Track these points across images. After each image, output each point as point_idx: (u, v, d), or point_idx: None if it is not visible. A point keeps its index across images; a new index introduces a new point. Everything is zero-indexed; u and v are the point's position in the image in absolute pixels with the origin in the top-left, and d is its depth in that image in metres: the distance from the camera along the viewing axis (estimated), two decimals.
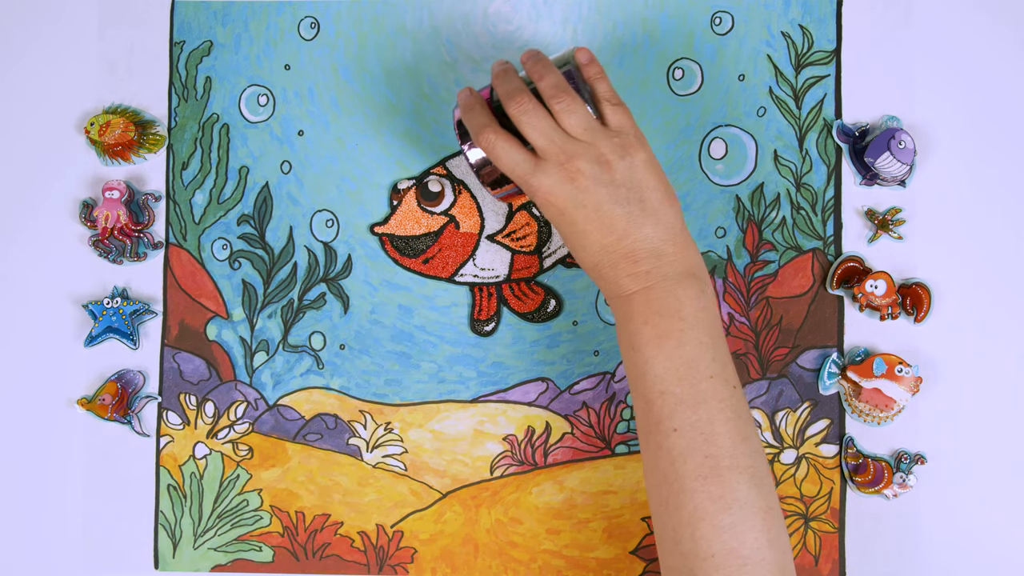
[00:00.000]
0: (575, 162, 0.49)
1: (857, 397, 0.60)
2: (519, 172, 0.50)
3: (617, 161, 0.49)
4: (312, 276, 0.63)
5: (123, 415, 0.62)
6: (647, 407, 0.49)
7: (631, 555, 0.61)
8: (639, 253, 0.49)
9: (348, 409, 0.62)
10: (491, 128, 0.51)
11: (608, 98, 0.51)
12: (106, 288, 0.63)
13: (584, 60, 0.53)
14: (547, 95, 0.50)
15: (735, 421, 0.47)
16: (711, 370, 0.48)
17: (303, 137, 0.63)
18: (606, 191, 0.49)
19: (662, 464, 0.48)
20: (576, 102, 0.50)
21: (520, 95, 0.50)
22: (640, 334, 0.49)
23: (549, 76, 0.51)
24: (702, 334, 0.48)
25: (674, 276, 0.49)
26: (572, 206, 0.49)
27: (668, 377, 0.48)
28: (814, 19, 0.62)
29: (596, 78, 0.52)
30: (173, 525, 0.62)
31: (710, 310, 0.49)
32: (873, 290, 0.60)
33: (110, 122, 0.62)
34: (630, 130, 0.51)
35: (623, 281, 0.49)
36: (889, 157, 0.59)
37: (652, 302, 0.48)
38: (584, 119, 0.50)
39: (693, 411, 0.47)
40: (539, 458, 0.62)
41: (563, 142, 0.49)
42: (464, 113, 0.53)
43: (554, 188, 0.49)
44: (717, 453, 0.46)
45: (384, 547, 0.62)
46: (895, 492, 0.60)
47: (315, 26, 0.63)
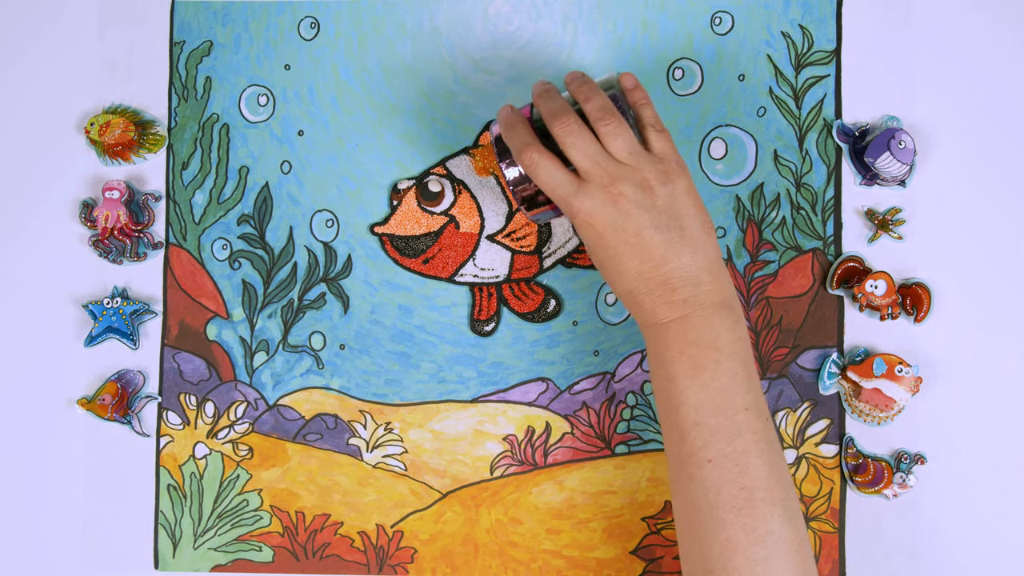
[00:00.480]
0: (619, 185, 0.48)
1: (857, 397, 0.60)
2: (561, 192, 0.49)
3: (659, 187, 0.49)
4: (312, 276, 0.63)
5: (123, 415, 0.62)
6: (680, 438, 0.48)
7: (631, 555, 0.61)
8: (676, 281, 0.48)
9: (348, 409, 0.62)
10: (535, 147, 0.50)
11: (652, 124, 0.51)
12: (106, 288, 0.63)
13: (629, 85, 0.53)
14: (594, 117, 0.50)
15: (769, 454, 0.47)
16: (746, 402, 0.48)
17: (303, 137, 0.63)
18: (647, 216, 0.48)
19: (694, 495, 0.48)
20: (623, 126, 0.50)
21: (566, 115, 0.50)
22: (675, 364, 0.48)
23: (596, 98, 0.51)
24: (737, 365, 0.48)
25: (711, 306, 0.48)
26: (612, 230, 0.49)
27: (703, 408, 0.48)
28: (814, 19, 0.62)
29: (641, 103, 0.52)
30: (173, 525, 0.62)
31: (744, 341, 0.49)
32: (873, 290, 0.60)
33: (110, 122, 0.62)
34: (672, 157, 0.50)
35: (659, 309, 0.49)
36: (889, 157, 0.59)
37: (688, 331, 0.48)
38: (630, 143, 0.49)
39: (728, 442, 0.47)
40: (539, 458, 0.62)
41: (608, 165, 0.49)
42: (506, 130, 0.52)
43: (595, 211, 0.49)
44: (752, 485, 0.46)
45: (384, 547, 0.62)
46: (895, 492, 0.60)
47: (315, 26, 0.63)
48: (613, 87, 0.53)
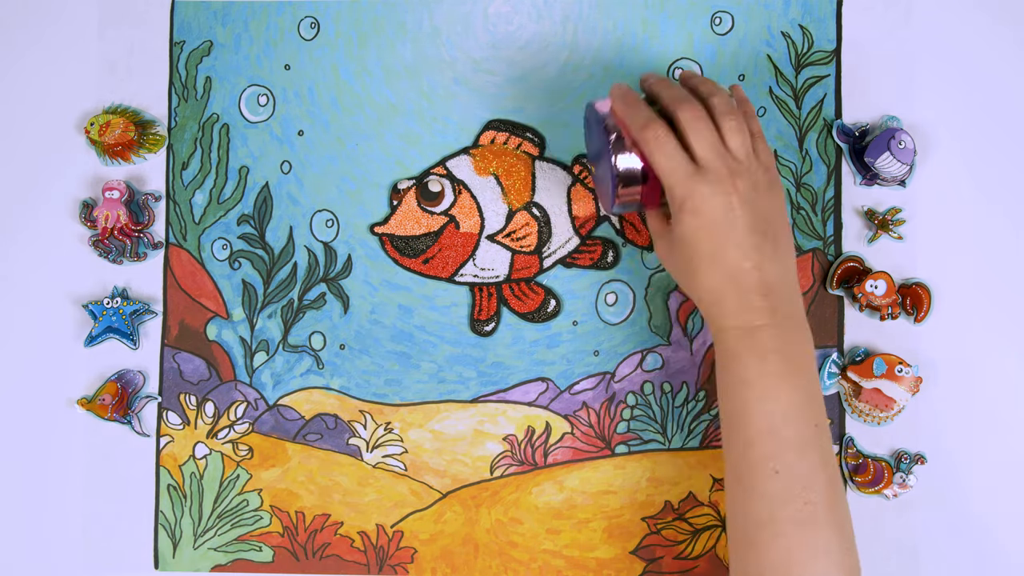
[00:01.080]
0: (735, 179, 0.48)
1: (857, 397, 0.60)
2: (680, 173, 0.49)
3: (767, 192, 0.49)
4: (312, 276, 0.63)
5: (123, 415, 0.62)
6: (747, 444, 0.48)
7: (631, 555, 0.61)
8: (773, 287, 0.49)
9: (348, 409, 0.62)
10: (659, 123, 0.49)
11: (760, 135, 0.52)
12: (106, 288, 0.63)
13: (741, 97, 0.53)
14: (720, 110, 0.50)
15: (834, 473, 0.48)
16: (817, 418, 0.48)
17: (303, 137, 0.63)
18: (753, 217, 0.48)
19: (755, 506, 0.48)
20: (744, 126, 0.50)
21: (692, 103, 0.50)
22: (752, 368, 0.49)
23: (721, 94, 0.51)
24: (813, 382, 0.49)
25: (798, 319, 0.50)
26: (718, 221, 0.48)
27: (778, 417, 0.48)
28: (814, 19, 0.62)
29: (750, 115, 0.52)
30: (173, 525, 0.62)
31: (814, 361, 0.50)
32: (873, 290, 0.60)
33: (110, 122, 0.62)
34: (775, 171, 0.51)
35: (747, 312, 0.49)
36: (889, 157, 0.59)
37: (772, 339, 0.48)
38: (747, 144, 0.50)
39: (798, 456, 0.47)
40: (539, 458, 0.62)
41: (727, 158, 0.49)
42: (625, 107, 0.51)
43: (709, 198, 0.48)
44: (816, 501, 0.47)
45: (384, 547, 0.62)
46: (895, 492, 0.60)
47: (315, 26, 0.63)
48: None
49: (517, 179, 0.62)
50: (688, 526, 0.61)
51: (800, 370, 0.49)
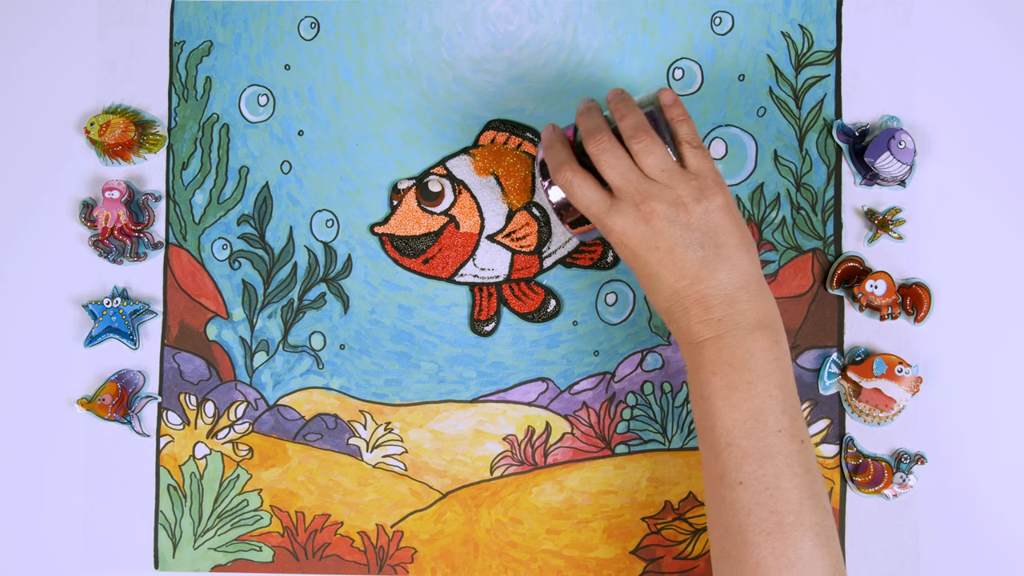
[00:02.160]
0: (650, 203, 0.48)
1: (857, 397, 0.60)
2: (594, 211, 0.50)
3: (693, 204, 0.49)
4: (312, 276, 0.63)
5: (123, 415, 0.62)
6: (714, 458, 0.48)
7: (631, 555, 0.61)
8: (712, 299, 0.48)
9: (348, 409, 0.62)
10: (569, 165, 0.50)
11: (689, 140, 0.51)
12: (106, 288, 0.63)
13: (668, 101, 0.52)
14: (627, 135, 0.50)
15: (802, 477, 0.47)
16: (779, 424, 0.47)
17: (303, 137, 0.63)
18: (680, 234, 0.48)
19: (725, 516, 0.47)
20: (655, 143, 0.50)
21: (600, 133, 0.50)
22: (709, 384, 0.48)
23: (630, 116, 0.51)
24: (772, 387, 0.48)
25: (746, 325, 0.48)
26: (645, 248, 0.49)
27: (735, 429, 0.47)
28: (814, 19, 0.62)
29: (678, 120, 0.52)
30: (173, 525, 0.62)
31: (782, 362, 0.49)
32: (873, 290, 0.60)
33: (110, 122, 0.62)
34: (709, 174, 0.50)
35: (694, 327, 0.49)
36: (889, 157, 0.59)
37: (722, 351, 0.48)
38: (662, 160, 0.49)
39: (759, 465, 0.47)
40: (539, 458, 0.62)
41: (639, 182, 0.49)
42: (546, 150, 0.53)
43: (628, 228, 0.49)
44: (782, 509, 0.46)
45: (384, 547, 0.62)
46: (895, 492, 0.60)
47: (315, 26, 0.63)
48: (652, 104, 0.52)
49: (517, 179, 0.62)
50: (688, 526, 0.61)
51: (759, 376, 0.48)
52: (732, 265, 0.48)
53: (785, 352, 0.49)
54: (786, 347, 0.50)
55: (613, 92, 0.54)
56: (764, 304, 0.49)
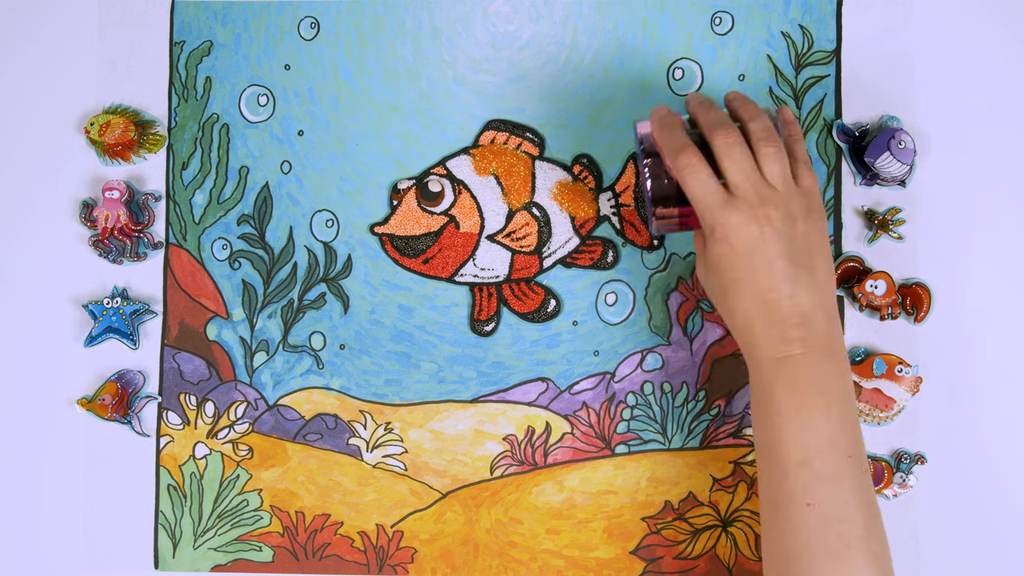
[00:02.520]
0: (767, 208, 0.48)
1: (857, 397, 0.60)
2: (709, 201, 0.49)
3: (802, 221, 0.49)
4: (312, 276, 0.63)
5: (123, 415, 0.62)
6: (782, 475, 0.48)
7: (631, 555, 0.61)
8: (797, 317, 0.48)
9: (348, 409, 0.62)
10: (692, 151, 0.50)
11: (804, 160, 0.51)
12: (106, 288, 0.63)
13: (789, 118, 0.53)
14: (757, 136, 0.50)
15: (868, 504, 0.47)
16: (850, 450, 0.48)
17: (303, 137, 0.63)
18: (785, 246, 0.48)
19: (788, 538, 0.48)
20: (783, 153, 0.50)
21: (731, 128, 0.50)
22: (783, 400, 0.48)
23: (761, 119, 0.50)
24: (847, 412, 0.48)
25: (825, 348, 0.49)
26: (749, 250, 0.48)
27: (810, 448, 0.47)
28: (814, 19, 0.62)
29: (795, 139, 0.52)
30: (173, 525, 0.62)
31: (850, 391, 0.49)
32: (873, 290, 0.60)
33: (110, 122, 0.62)
34: (816, 196, 0.51)
35: (775, 342, 0.49)
36: (889, 157, 0.59)
37: (801, 370, 0.48)
38: (785, 171, 0.49)
39: (830, 488, 0.47)
40: (539, 458, 0.62)
41: (761, 186, 0.49)
42: (661, 130, 0.52)
43: (739, 227, 0.48)
44: (849, 533, 0.46)
45: (384, 547, 0.62)
46: (895, 492, 0.60)
47: (315, 26, 0.63)
48: (772, 118, 0.52)
49: (517, 179, 0.62)
50: (688, 526, 0.61)
51: (834, 400, 0.48)
52: (820, 289, 0.49)
53: (851, 383, 0.50)
54: (851, 378, 0.51)
55: (735, 93, 0.53)
56: (838, 332, 0.50)
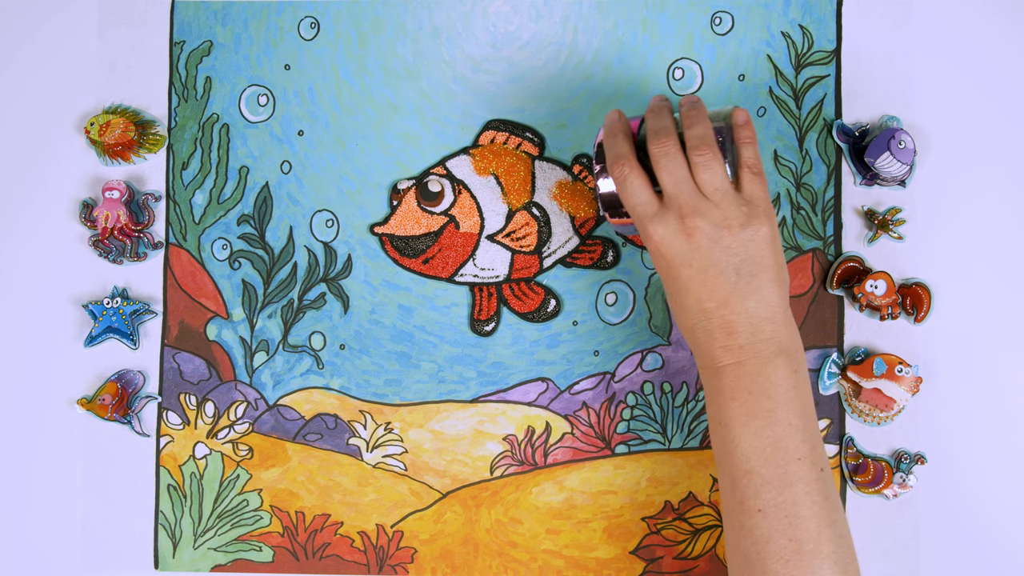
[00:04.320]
0: (696, 219, 0.48)
1: (857, 397, 0.60)
2: (640, 212, 0.49)
3: (739, 229, 0.48)
4: (312, 276, 0.63)
5: (123, 415, 0.62)
6: (732, 485, 0.48)
7: (631, 555, 0.61)
8: (737, 326, 0.48)
9: (348, 409, 0.62)
10: (628, 160, 0.50)
11: (751, 165, 0.50)
12: (106, 288, 0.63)
13: (740, 121, 0.52)
14: (690, 144, 0.50)
15: (821, 505, 0.47)
16: (799, 452, 0.47)
17: (303, 137, 0.63)
18: (719, 255, 0.48)
19: (743, 544, 0.47)
20: (716, 159, 0.49)
21: (667, 136, 0.50)
22: (728, 410, 0.48)
23: (698, 127, 0.50)
24: (792, 415, 0.48)
25: (767, 354, 0.48)
26: (680, 262, 0.48)
27: (755, 457, 0.47)
28: (814, 19, 0.62)
29: (745, 142, 0.51)
30: (173, 525, 0.62)
31: (801, 390, 0.48)
32: (873, 290, 0.60)
33: (110, 122, 0.62)
34: (761, 203, 0.49)
35: (716, 352, 0.48)
36: (889, 157, 0.59)
37: (743, 378, 0.48)
38: (718, 178, 0.49)
39: (779, 493, 0.47)
40: (539, 458, 0.62)
41: (690, 195, 0.48)
42: (607, 137, 0.52)
43: (668, 239, 0.48)
44: (801, 537, 0.46)
45: (384, 547, 0.62)
46: (895, 492, 0.60)
47: (315, 26, 0.63)
48: (723, 119, 0.52)
49: (517, 179, 0.62)
50: (688, 526, 0.61)
51: (779, 405, 0.47)
52: (762, 296, 0.48)
53: (805, 380, 0.49)
54: (806, 376, 0.49)
55: (688, 97, 0.53)
56: (788, 334, 0.49)
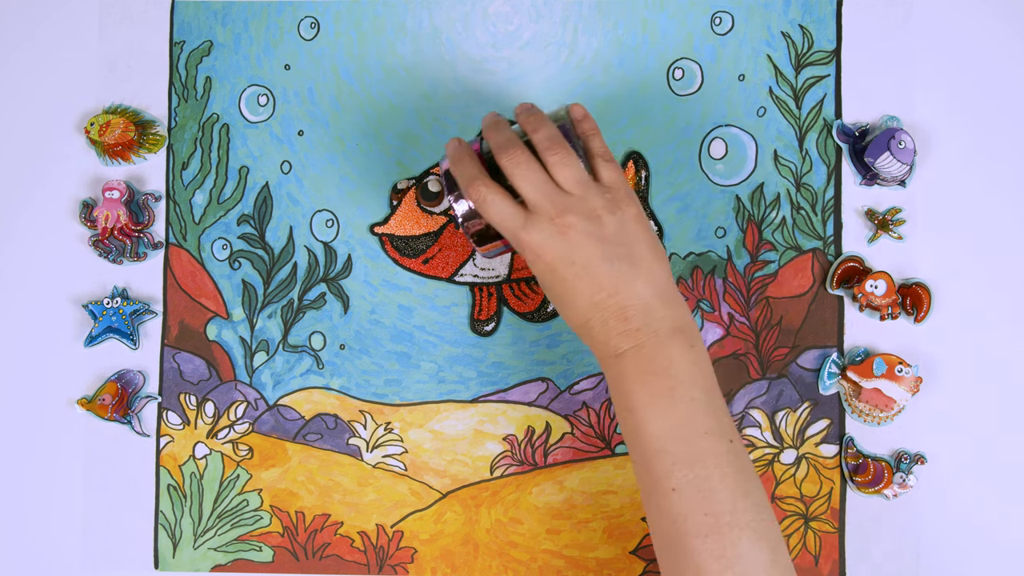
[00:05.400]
0: (566, 216, 0.48)
1: (857, 397, 0.60)
2: (509, 226, 0.49)
3: (608, 216, 0.48)
4: (312, 276, 0.63)
5: (123, 415, 0.62)
6: (646, 467, 0.48)
7: (631, 555, 0.61)
8: (630, 310, 0.48)
9: (348, 409, 0.62)
10: (482, 180, 0.50)
11: (601, 154, 0.51)
12: (106, 288, 0.63)
13: (579, 116, 0.53)
14: (542, 147, 0.50)
15: (734, 476, 0.47)
16: (706, 426, 0.47)
17: (303, 137, 0.63)
18: (597, 247, 0.48)
19: (663, 524, 0.47)
20: (571, 155, 0.49)
21: (513, 147, 0.50)
22: (633, 394, 0.48)
23: (544, 128, 0.50)
24: (695, 390, 0.48)
25: (664, 333, 0.48)
26: (562, 262, 0.48)
27: (663, 436, 0.47)
28: (814, 19, 0.62)
29: (590, 134, 0.52)
30: (173, 525, 0.62)
31: (701, 365, 0.49)
32: (873, 290, 0.60)
33: (110, 122, 0.62)
34: (621, 186, 0.50)
35: (613, 340, 0.48)
36: (889, 157, 0.59)
37: (643, 361, 0.48)
38: (577, 173, 0.49)
39: (690, 469, 0.46)
40: (539, 458, 0.62)
41: (555, 196, 0.49)
42: (453, 164, 0.52)
43: (544, 243, 0.48)
44: (717, 510, 0.46)
45: (384, 547, 0.62)
46: (895, 492, 0.60)
47: (315, 26, 0.63)
48: (562, 118, 0.52)
49: None
50: None
51: (681, 383, 0.48)
52: (648, 275, 0.49)
53: (703, 355, 0.49)
54: (703, 350, 0.49)
55: (522, 105, 0.53)
56: (678, 311, 0.49)
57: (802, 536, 0.61)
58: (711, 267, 0.62)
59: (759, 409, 0.61)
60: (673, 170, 0.62)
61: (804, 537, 0.61)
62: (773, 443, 0.61)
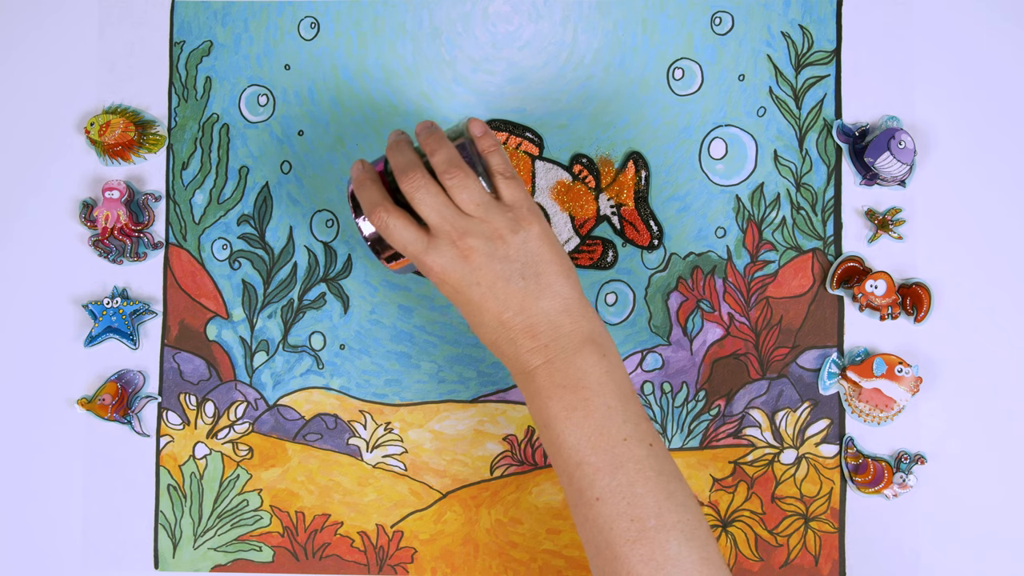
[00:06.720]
0: (467, 239, 0.48)
1: (857, 397, 0.60)
2: (412, 251, 0.49)
3: (510, 236, 0.49)
4: (312, 276, 0.63)
5: (123, 415, 0.62)
6: (568, 480, 0.48)
7: None
8: (537, 327, 0.48)
9: (348, 409, 0.62)
10: (383, 206, 0.50)
11: (501, 171, 0.51)
12: (106, 288, 0.63)
13: (478, 133, 0.52)
14: (439, 171, 0.50)
15: (656, 479, 0.47)
16: (623, 432, 0.47)
17: (303, 137, 0.63)
18: (500, 267, 0.48)
19: (591, 534, 0.47)
20: (468, 177, 0.49)
21: (413, 171, 0.50)
22: (548, 409, 0.48)
23: (442, 151, 0.50)
24: (609, 399, 0.48)
25: (573, 346, 0.48)
26: (466, 284, 0.49)
27: (582, 447, 0.47)
28: (814, 19, 0.62)
29: (489, 151, 0.52)
30: (173, 525, 0.62)
31: (614, 373, 0.49)
32: (873, 290, 0.60)
33: (110, 122, 0.62)
34: (523, 203, 0.50)
35: (523, 357, 0.49)
36: (889, 157, 0.59)
37: (554, 375, 0.48)
38: (476, 194, 0.49)
39: (611, 477, 0.47)
40: (539, 458, 0.62)
41: (455, 219, 0.49)
42: (357, 189, 0.52)
43: (447, 267, 0.49)
44: (642, 515, 0.46)
45: (384, 547, 0.62)
46: (895, 492, 0.60)
47: (315, 26, 0.63)
48: (462, 135, 0.52)
49: None
50: None
51: (594, 392, 0.48)
52: (554, 292, 0.49)
53: (616, 363, 0.49)
54: (616, 358, 0.49)
55: (422, 125, 0.53)
56: (588, 323, 0.49)
57: (802, 536, 0.61)
58: (711, 267, 0.62)
59: (759, 409, 0.61)
60: (673, 170, 0.62)
61: (804, 537, 0.61)
62: (773, 443, 0.61)
